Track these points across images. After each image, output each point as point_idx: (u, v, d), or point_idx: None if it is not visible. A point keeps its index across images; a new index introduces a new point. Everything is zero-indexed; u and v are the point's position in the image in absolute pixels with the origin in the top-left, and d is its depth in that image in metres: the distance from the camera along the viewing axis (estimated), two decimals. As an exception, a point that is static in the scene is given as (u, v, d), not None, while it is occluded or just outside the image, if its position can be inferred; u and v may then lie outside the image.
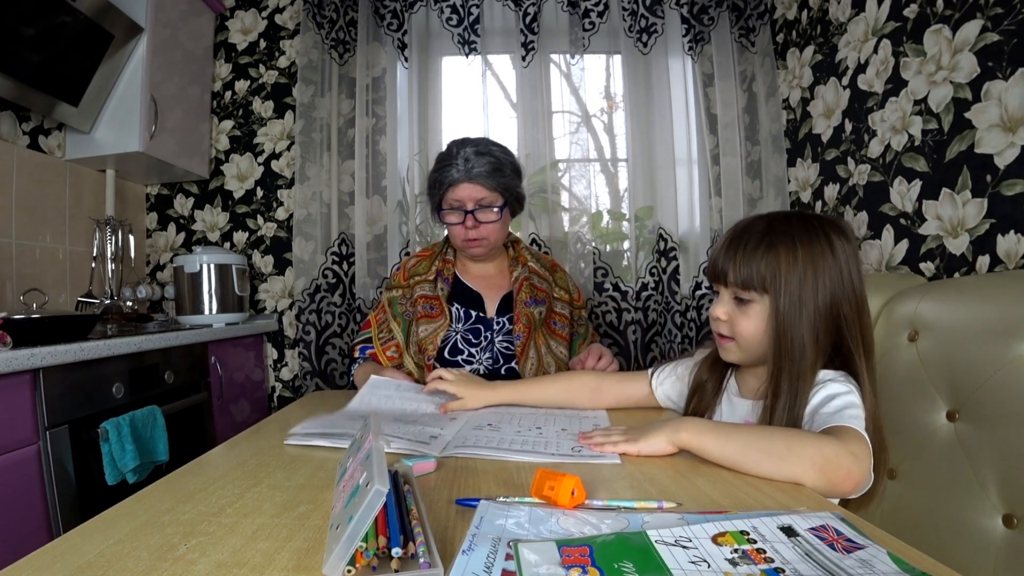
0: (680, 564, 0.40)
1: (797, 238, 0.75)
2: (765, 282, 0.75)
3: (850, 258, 0.76)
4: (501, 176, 1.20)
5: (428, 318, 1.24)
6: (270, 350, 2.16)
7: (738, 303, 0.79)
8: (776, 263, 0.74)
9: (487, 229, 1.22)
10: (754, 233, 0.78)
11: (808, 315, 0.74)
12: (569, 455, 0.68)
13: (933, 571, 0.39)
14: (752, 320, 0.77)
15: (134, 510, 0.53)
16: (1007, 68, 1.15)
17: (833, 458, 0.60)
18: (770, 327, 0.76)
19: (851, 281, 0.75)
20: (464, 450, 0.70)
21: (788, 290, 0.74)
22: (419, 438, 0.75)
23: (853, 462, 0.61)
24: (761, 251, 0.76)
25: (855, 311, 0.75)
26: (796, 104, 1.96)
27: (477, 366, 1.23)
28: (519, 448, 0.71)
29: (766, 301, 0.76)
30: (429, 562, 0.39)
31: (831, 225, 0.78)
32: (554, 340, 1.27)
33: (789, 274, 0.74)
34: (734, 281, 0.78)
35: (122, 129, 1.74)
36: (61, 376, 1.15)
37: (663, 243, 2.01)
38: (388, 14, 2.07)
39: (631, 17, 2.05)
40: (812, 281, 0.74)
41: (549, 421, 0.86)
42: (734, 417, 0.86)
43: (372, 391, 1.04)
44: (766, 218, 0.80)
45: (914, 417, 1.01)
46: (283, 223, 2.17)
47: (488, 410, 0.95)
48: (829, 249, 0.75)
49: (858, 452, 0.62)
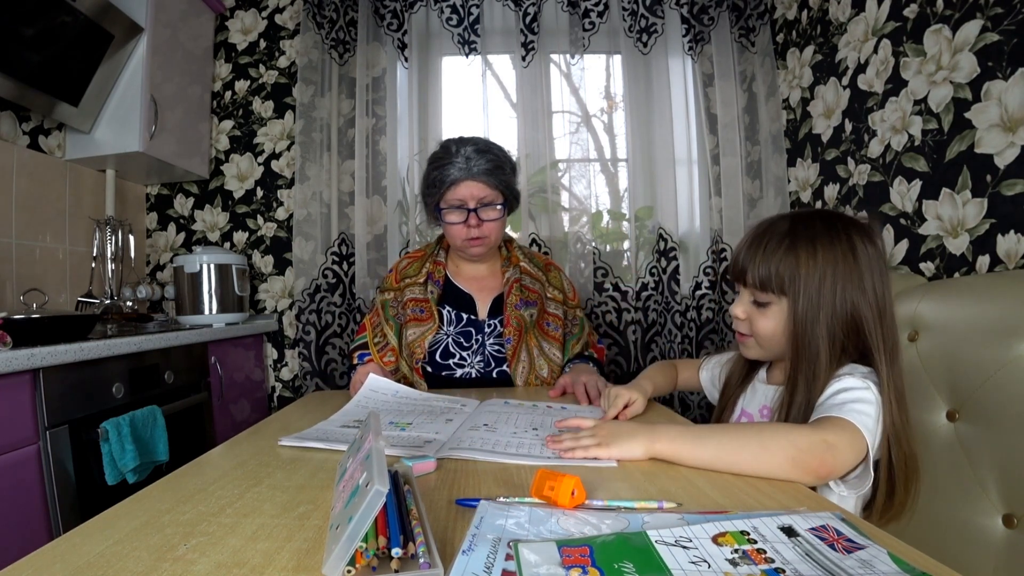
0: (680, 564, 0.40)
1: (818, 240, 0.74)
2: (783, 284, 0.75)
3: (873, 262, 0.74)
4: (502, 174, 1.20)
5: (417, 321, 1.23)
6: (270, 350, 2.16)
7: (756, 302, 0.79)
8: (795, 266, 0.74)
9: (489, 227, 1.22)
10: (775, 233, 0.77)
11: (826, 317, 0.73)
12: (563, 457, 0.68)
13: (933, 571, 0.39)
14: (770, 320, 0.78)
15: (134, 510, 0.53)
16: (1007, 68, 1.15)
17: (805, 448, 0.61)
18: (788, 327, 0.76)
19: (872, 286, 0.73)
20: (459, 452, 0.69)
21: (807, 293, 0.73)
22: (414, 444, 0.74)
23: (825, 449, 0.61)
24: (781, 253, 0.75)
25: (876, 316, 0.73)
26: (796, 104, 1.96)
27: (469, 369, 1.22)
28: (515, 451, 0.70)
29: (784, 303, 0.76)
30: (429, 562, 0.39)
31: (856, 227, 0.76)
32: (547, 342, 1.26)
33: (808, 277, 0.73)
34: (752, 282, 0.78)
35: (122, 129, 1.74)
36: (61, 376, 1.15)
37: (663, 243, 2.01)
38: (388, 14, 2.07)
39: (631, 17, 2.05)
40: (831, 284, 0.73)
41: (546, 423, 0.85)
42: (754, 401, 0.87)
43: (371, 393, 1.03)
44: (790, 218, 0.79)
45: (914, 417, 1.01)
46: (283, 223, 2.17)
47: (485, 410, 0.93)
48: (851, 252, 0.74)
49: (833, 440, 0.62)
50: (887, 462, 0.70)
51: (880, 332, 0.73)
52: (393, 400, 1.01)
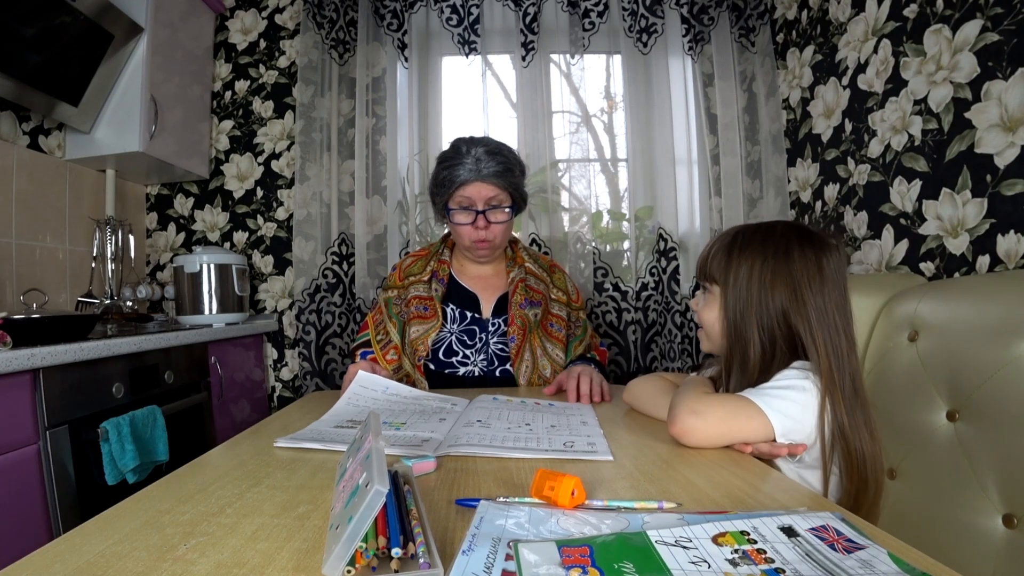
0: (680, 564, 0.40)
1: (754, 241, 0.80)
2: (715, 273, 0.82)
3: (811, 271, 0.76)
4: (511, 176, 1.21)
5: (420, 319, 1.23)
6: (270, 350, 2.16)
7: (704, 293, 0.86)
8: (728, 258, 0.80)
9: (496, 229, 1.22)
10: (729, 233, 0.84)
11: (756, 315, 0.77)
12: (562, 451, 0.69)
13: (933, 571, 0.39)
14: (710, 309, 0.83)
15: (134, 510, 0.53)
16: (1007, 68, 1.14)
17: (673, 407, 0.73)
18: (721, 318, 0.81)
19: (809, 294, 0.75)
20: (458, 448, 0.70)
21: (737, 285, 0.79)
22: (411, 443, 0.74)
23: (687, 414, 0.70)
24: (724, 248, 0.82)
25: (813, 323, 0.74)
26: (796, 104, 1.96)
27: (472, 368, 1.22)
28: (511, 445, 0.71)
29: (718, 292, 0.82)
30: (429, 562, 0.39)
31: (801, 236, 0.79)
32: (550, 342, 1.26)
33: (737, 270, 0.79)
34: (700, 273, 0.86)
35: (122, 129, 1.74)
36: (61, 376, 1.15)
37: (663, 243, 2.01)
38: (388, 14, 2.07)
39: (631, 17, 2.05)
40: (759, 279, 0.77)
41: (538, 418, 0.86)
42: None
43: (360, 390, 1.01)
44: (747, 225, 0.85)
45: (914, 417, 1.01)
46: (283, 223, 2.17)
47: (477, 406, 0.94)
48: (783, 255, 0.77)
49: (699, 408, 0.70)
50: (844, 466, 0.72)
51: (812, 333, 0.74)
52: (384, 397, 1.01)
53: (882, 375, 1.12)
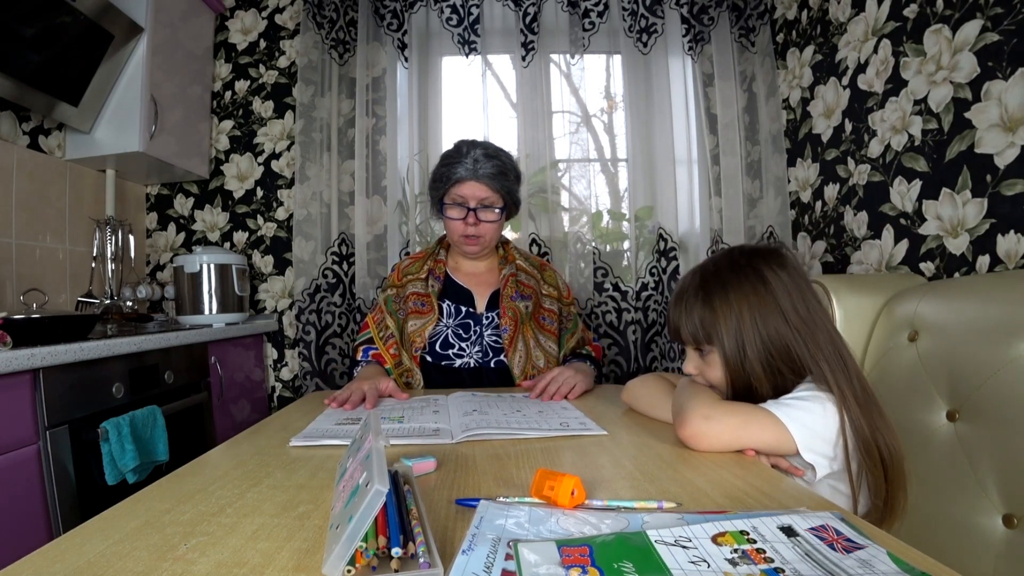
0: (680, 564, 0.40)
1: (729, 285, 0.78)
2: (709, 335, 0.78)
3: (787, 284, 0.76)
4: (505, 180, 1.26)
5: (418, 314, 1.27)
6: (270, 350, 2.16)
7: (701, 355, 0.82)
8: (713, 314, 0.78)
9: (485, 228, 1.27)
10: (691, 289, 0.81)
11: (754, 352, 0.76)
12: (560, 429, 0.78)
13: (933, 571, 0.39)
14: (715, 369, 0.80)
15: (134, 510, 0.53)
16: (1007, 68, 1.15)
17: (681, 410, 0.72)
18: (726, 373, 0.79)
19: (792, 307, 0.75)
20: (475, 432, 0.75)
21: (730, 336, 0.76)
22: (422, 433, 0.77)
23: (699, 419, 0.69)
24: (699, 305, 0.79)
25: (804, 333, 0.74)
26: (796, 104, 1.96)
27: (467, 359, 1.25)
28: (517, 426, 0.79)
29: (716, 350, 0.79)
30: (429, 562, 0.39)
31: (762, 257, 0.79)
32: (543, 335, 1.30)
33: (727, 321, 0.76)
34: (687, 340, 0.82)
35: (122, 129, 1.74)
36: (61, 376, 1.15)
37: (663, 243, 2.01)
38: (388, 14, 2.07)
39: (631, 17, 2.05)
40: (750, 321, 0.75)
41: (525, 404, 0.96)
42: None
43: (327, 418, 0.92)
44: (699, 270, 0.83)
45: (914, 417, 1.01)
46: (283, 223, 2.17)
47: (463, 398, 1.00)
48: (761, 284, 0.76)
49: (712, 414, 0.70)
50: (871, 467, 0.70)
51: (809, 347, 0.74)
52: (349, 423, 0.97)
53: (882, 375, 1.12)
